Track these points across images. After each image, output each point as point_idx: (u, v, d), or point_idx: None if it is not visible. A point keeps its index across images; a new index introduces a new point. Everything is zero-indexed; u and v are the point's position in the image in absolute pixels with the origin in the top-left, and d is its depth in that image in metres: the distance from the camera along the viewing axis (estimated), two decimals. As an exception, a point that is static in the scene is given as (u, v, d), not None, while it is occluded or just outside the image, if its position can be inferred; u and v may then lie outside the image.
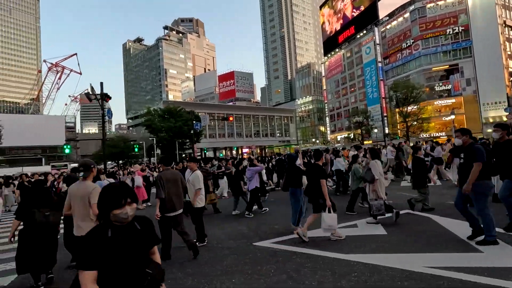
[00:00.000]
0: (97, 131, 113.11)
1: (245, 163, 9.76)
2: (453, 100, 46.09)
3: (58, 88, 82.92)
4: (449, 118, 45.69)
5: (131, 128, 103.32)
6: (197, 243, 5.12)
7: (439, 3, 47.26)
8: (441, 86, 47.69)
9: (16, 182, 14.59)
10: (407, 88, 40.64)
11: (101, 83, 17.91)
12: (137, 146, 31.74)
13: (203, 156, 44.42)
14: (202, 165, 8.89)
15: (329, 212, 4.78)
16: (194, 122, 26.14)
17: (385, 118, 54.29)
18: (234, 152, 67.06)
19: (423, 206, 6.40)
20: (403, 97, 41.58)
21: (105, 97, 15.53)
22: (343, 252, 4.27)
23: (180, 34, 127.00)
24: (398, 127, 47.43)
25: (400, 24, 52.46)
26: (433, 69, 47.95)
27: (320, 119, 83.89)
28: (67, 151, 18.12)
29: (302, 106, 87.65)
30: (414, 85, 41.91)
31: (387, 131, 53.33)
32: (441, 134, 44.65)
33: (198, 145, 44.04)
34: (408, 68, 51.03)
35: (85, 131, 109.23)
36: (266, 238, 5.32)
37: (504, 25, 43.96)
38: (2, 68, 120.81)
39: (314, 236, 5.15)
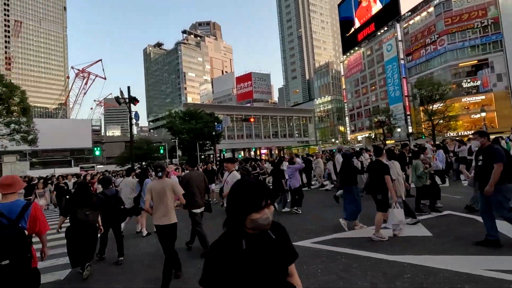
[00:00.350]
0: (119, 134, 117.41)
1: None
2: (483, 97, 43.85)
3: (85, 93, 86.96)
4: (478, 115, 43.51)
5: (152, 131, 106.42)
6: None
7: (466, -5, 45.19)
8: (469, 82, 45.49)
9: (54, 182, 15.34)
10: (433, 85, 39.06)
11: (128, 88, 18.58)
12: (162, 147, 32.59)
13: (222, 157, 44.95)
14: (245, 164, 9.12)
15: (396, 207, 4.78)
16: (216, 123, 26.49)
17: (409, 116, 52.54)
18: (252, 153, 67.36)
19: (467, 205, 6.15)
20: (428, 94, 40.03)
21: (134, 100, 16.13)
22: (389, 253, 4.18)
23: (198, 38, 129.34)
24: (423, 126, 45.73)
25: (423, 19, 50.61)
26: (460, 64, 45.84)
27: (339, 119, 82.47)
28: (97, 153, 18.98)
29: (321, 106, 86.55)
30: (440, 81, 40.24)
31: (410, 130, 51.60)
32: (470, 133, 42.57)
33: (217, 146, 44.66)
34: (433, 64, 49.08)
35: (109, 133, 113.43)
36: (304, 238, 5.30)
37: (538, 16, 41.32)
38: (33, 75, 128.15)
39: (354, 237, 5.08)
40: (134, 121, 19.42)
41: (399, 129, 48.08)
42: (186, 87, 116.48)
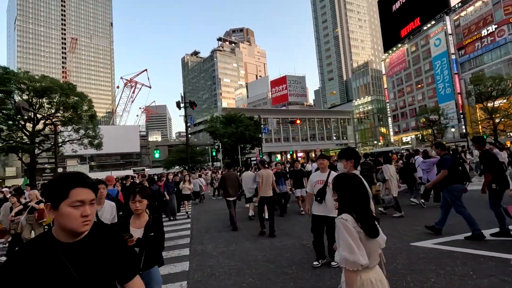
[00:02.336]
0: (160, 139, 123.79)
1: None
2: (554, 91, 38.98)
3: (133, 101, 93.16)
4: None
5: (190, 136, 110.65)
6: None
7: (530, -20, 40.84)
8: (536, 75, 40.77)
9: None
10: (494, 80, 35.63)
11: (184, 93, 19.53)
12: (214, 150, 33.58)
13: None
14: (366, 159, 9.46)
15: None
16: (263, 126, 26.72)
17: (463, 115, 48.49)
18: (289, 156, 66.83)
19: None
20: (487, 90, 36.57)
21: (192, 104, 16.90)
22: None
23: (233, 44, 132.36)
24: (481, 125, 41.82)
25: (478, 10, 46.62)
26: (524, 56, 41.41)
27: (380, 120, 78.77)
28: (156, 155, 20.36)
29: (360, 107, 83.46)
30: (502, 76, 36.58)
31: (465, 130, 47.54)
32: (540, 132, 38.09)
33: (256, 149, 44.96)
34: (490, 57, 44.89)
35: (152, 139, 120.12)
36: (419, 239, 5.00)
37: None
38: (84, 86, 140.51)
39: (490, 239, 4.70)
40: (189, 124, 20.32)
41: (452, 129, 44.48)
42: (221, 92, 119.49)
